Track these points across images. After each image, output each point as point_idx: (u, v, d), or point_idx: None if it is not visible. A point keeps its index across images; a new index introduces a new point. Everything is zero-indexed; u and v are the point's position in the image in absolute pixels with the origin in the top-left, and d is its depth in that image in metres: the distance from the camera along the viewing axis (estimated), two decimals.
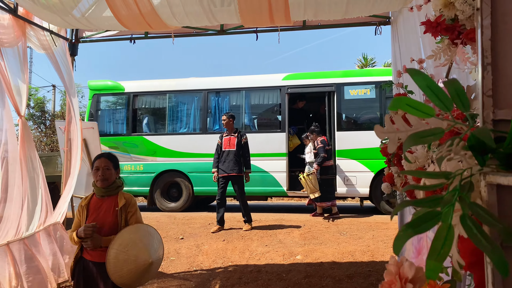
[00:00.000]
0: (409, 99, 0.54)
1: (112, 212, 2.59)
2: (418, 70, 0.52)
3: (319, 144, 7.28)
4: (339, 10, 3.34)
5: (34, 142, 3.62)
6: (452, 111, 0.60)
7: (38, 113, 21.87)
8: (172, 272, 4.53)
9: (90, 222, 2.53)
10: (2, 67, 3.35)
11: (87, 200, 2.67)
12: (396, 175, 2.57)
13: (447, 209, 0.47)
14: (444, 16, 1.87)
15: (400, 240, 0.46)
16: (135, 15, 3.68)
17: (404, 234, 0.46)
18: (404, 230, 0.46)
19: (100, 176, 2.60)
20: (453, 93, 0.50)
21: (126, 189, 10.56)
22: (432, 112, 0.53)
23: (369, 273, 4.25)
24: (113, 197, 2.66)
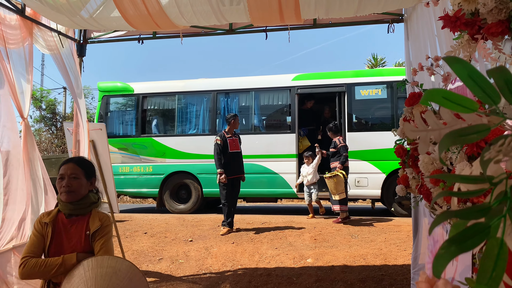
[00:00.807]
0: (446, 91, 0.46)
1: (83, 239, 1.99)
2: (457, 57, 0.44)
3: (341, 142, 7.05)
4: (351, 8, 3.26)
5: (36, 145, 3.58)
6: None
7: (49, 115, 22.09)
8: (181, 275, 4.47)
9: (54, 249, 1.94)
10: (7, 68, 3.32)
11: (52, 217, 2.02)
12: (411, 177, 2.47)
13: (497, 221, 0.39)
14: (463, 10, 1.78)
15: (442, 259, 0.38)
16: (143, 15, 3.64)
17: (446, 252, 0.38)
18: (446, 247, 0.38)
19: (65, 187, 1.98)
20: (501, 83, 0.42)
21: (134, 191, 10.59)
22: (476, 106, 0.45)
23: (382, 277, 4.15)
24: (84, 217, 2.05)
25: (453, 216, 0.41)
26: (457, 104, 0.45)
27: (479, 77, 0.44)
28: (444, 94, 0.46)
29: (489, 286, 0.35)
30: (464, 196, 0.47)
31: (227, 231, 6.17)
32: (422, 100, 0.51)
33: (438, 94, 0.47)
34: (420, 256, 3.60)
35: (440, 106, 0.53)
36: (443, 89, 0.46)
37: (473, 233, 0.39)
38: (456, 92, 0.51)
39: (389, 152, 7.21)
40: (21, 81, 3.55)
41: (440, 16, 1.77)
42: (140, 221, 7.27)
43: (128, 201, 13.45)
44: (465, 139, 0.45)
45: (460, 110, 0.45)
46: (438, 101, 0.47)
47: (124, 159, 8.84)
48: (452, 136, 0.45)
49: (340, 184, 6.74)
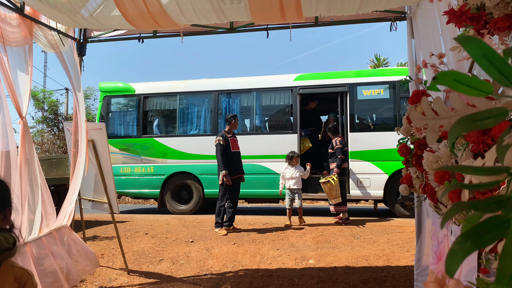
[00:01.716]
0: (458, 72, 0.42)
1: None
2: (470, 36, 0.40)
3: (337, 144, 7.02)
4: (353, 5, 3.21)
5: (34, 145, 3.55)
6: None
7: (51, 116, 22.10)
8: (182, 276, 4.43)
9: None
10: (5, 67, 3.29)
11: None
12: (414, 176, 2.42)
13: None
14: (469, 4, 1.74)
15: (456, 256, 0.34)
16: (143, 14, 3.61)
17: (461, 249, 0.34)
18: (461, 243, 0.34)
19: None
20: None
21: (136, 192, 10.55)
22: (491, 88, 0.41)
23: (385, 279, 4.10)
24: None
25: (468, 208, 0.37)
26: (470, 86, 0.41)
27: (495, 56, 0.40)
28: (456, 76, 0.42)
29: (510, 286, 0.31)
30: (477, 189, 0.43)
31: (227, 231, 6.14)
32: (431, 85, 0.47)
33: (449, 77, 0.43)
34: (423, 257, 3.55)
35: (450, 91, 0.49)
36: (455, 71, 0.42)
37: (490, 227, 0.35)
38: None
39: (391, 152, 7.17)
40: (21, 80, 3.52)
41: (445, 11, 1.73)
42: (141, 222, 7.24)
43: (129, 202, 13.42)
44: (479, 124, 0.40)
45: (474, 93, 0.41)
46: (449, 84, 0.43)
47: (125, 159, 8.82)
48: (465, 121, 0.41)
49: (333, 189, 6.73)
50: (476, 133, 1.41)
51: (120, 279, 4.35)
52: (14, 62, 3.43)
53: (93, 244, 5.53)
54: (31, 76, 3.59)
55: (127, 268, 4.52)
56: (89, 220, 7.29)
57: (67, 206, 3.89)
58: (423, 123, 0.48)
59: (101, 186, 4.35)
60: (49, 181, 7.26)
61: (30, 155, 3.39)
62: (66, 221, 3.81)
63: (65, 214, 3.80)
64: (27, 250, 3.13)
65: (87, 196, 4.73)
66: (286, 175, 6.82)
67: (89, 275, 4.32)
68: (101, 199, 4.51)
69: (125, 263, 4.51)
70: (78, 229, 4.92)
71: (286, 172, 6.85)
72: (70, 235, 3.89)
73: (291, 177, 6.76)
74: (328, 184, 6.67)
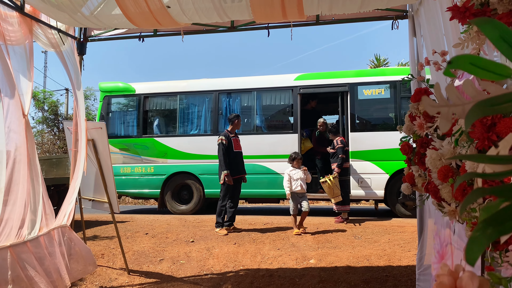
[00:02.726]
0: (474, 56, 0.40)
1: None
2: (487, 18, 0.39)
3: (338, 143, 7.03)
4: (354, 3, 3.20)
5: (35, 143, 3.54)
6: None
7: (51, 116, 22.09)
8: (182, 276, 4.41)
9: None
10: (9, 66, 3.28)
11: None
12: (417, 175, 2.41)
13: None
14: (472, 0, 1.72)
15: (478, 243, 0.32)
16: (144, 13, 3.59)
17: (482, 235, 0.32)
18: (482, 229, 0.33)
19: None
20: None
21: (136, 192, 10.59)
22: (509, 71, 0.39)
23: (386, 278, 4.08)
24: None
25: (488, 193, 0.35)
26: (487, 70, 0.40)
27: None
28: (472, 59, 0.41)
29: None
30: (491, 178, 0.41)
31: (228, 231, 6.13)
32: (446, 71, 0.45)
33: (464, 61, 0.41)
34: (425, 256, 3.53)
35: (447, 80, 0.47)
36: (471, 54, 0.41)
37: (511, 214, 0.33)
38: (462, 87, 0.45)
39: (392, 152, 7.16)
40: (22, 78, 3.50)
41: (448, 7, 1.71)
42: (141, 221, 7.22)
43: (130, 202, 13.40)
44: (497, 109, 0.39)
45: (491, 77, 0.40)
46: (465, 68, 0.41)
47: (125, 159, 8.80)
48: (481, 106, 0.39)
49: (331, 189, 6.72)
50: (481, 130, 1.39)
51: (120, 279, 4.33)
52: (16, 61, 3.42)
53: (93, 243, 5.52)
54: (32, 74, 3.57)
55: (128, 268, 4.50)
56: (90, 220, 7.27)
57: (66, 205, 3.87)
58: (436, 110, 0.46)
59: (101, 186, 4.34)
60: (49, 181, 7.26)
61: (32, 154, 3.38)
62: (66, 220, 3.79)
63: (64, 214, 3.79)
64: (28, 249, 3.12)
65: (88, 195, 4.71)
66: (295, 176, 6.27)
67: (89, 275, 4.30)
68: (101, 199, 4.49)
69: (125, 263, 4.49)
70: (78, 229, 4.90)
71: (294, 174, 6.30)
72: (70, 235, 3.87)
73: (299, 178, 6.25)
74: (326, 184, 6.69)
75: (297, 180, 6.23)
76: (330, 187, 6.68)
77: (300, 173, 6.27)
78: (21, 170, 3.17)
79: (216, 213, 6.32)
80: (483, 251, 0.32)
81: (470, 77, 1.91)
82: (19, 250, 3.00)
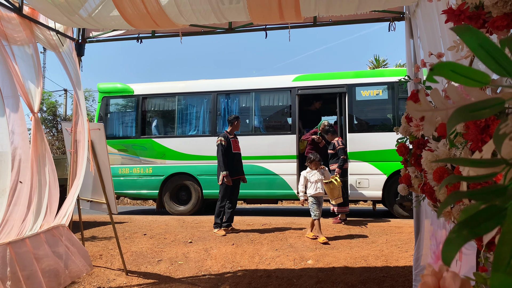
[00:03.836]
0: (454, 63, 0.42)
1: None
2: (467, 26, 0.40)
3: (340, 144, 7.03)
4: (351, 5, 3.22)
5: (46, 140, 3.57)
6: None
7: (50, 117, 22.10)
8: (180, 277, 4.42)
9: None
10: (15, 67, 3.30)
11: None
12: (413, 176, 2.42)
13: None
14: (467, 3, 1.74)
15: (453, 244, 0.34)
16: (142, 14, 3.61)
17: (458, 237, 0.34)
18: (458, 231, 0.34)
19: None
20: None
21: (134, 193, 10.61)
22: (487, 79, 0.41)
23: (383, 279, 4.10)
24: None
25: (465, 197, 0.36)
26: (466, 77, 0.41)
27: (492, 47, 0.40)
28: (453, 67, 0.42)
29: (507, 274, 0.31)
30: (474, 181, 0.42)
31: (225, 233, 6.13)
32: (428, 77, 0.47)
33: (445, 68, 0.43)
34: (422, 257, 3.55)
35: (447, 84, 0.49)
36: (452, 61, 0.42)
37: (487, 216, 0.35)
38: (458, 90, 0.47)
39: (390, 153, 7.18)
40: (31, 77, 3.54)
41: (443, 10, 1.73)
42: (139, 222, 7.23)
43: (128, 203, 13.40)
44: (476, 114, 0.40)
45: (470, 84, 0.41)
46: (446, 75, 0.42)
47: (124, 160, 8.81)
48: (462, 111, 0.41)
49: (335, 190, 6.64)
50: (474, 132, 1.41)
51: (118, 279, 4.34)
52: (22, 60, 3.44)
53: (92, 244, 5.52)
54: (40, 72, 3.60)
55: (126, 268, 4.51)
56: (88, 221, 7.27)
57: (67, 205, 3.89)
58: (420, 115, 0.48)
59: (99, 187, 4.35)
60: None
61: (42, 151, 3.40)
62: (65, 220, 3.80)
63: (64, 213, 3.80)
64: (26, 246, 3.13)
65: (86, 196, 4.72)
66: (312, 179, 5.75)
67: (87, 276, 4.31)
68: (99, 200, 4.50)
69: (123, 263, 4.50)
70: (76, 230, 4.91)
71: (311, 176, 5.79)
72: (68, 235, 3.88)
73: (318, 179, 5.75)
74: (331, 184, 6.60)
75: (317, 183, 5.74)
76: (336, 187, 6.59)
77: (317, 175, 5.78)
78: (27, 167, 3.20)
79: (215, 214, 6.33)
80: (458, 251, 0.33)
81: None
82: (18, 247, 3.01)
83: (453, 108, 0.46)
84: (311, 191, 5.72)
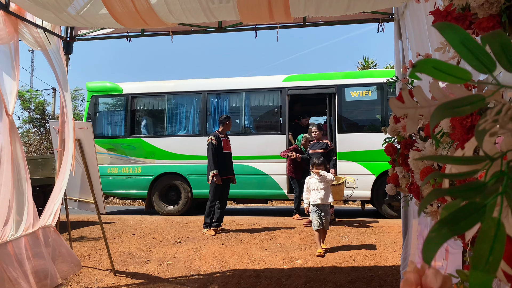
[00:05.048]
0: (437, 60, 0.42)
1: None
2: (449, 23, 0.40)
3: (331, 145, 6.96)
4: (341, 6, 3.23)
5: (21, 143, 3.50)
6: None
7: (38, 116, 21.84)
8: (169, 277, 4.40)
9: None
10: None
11: None
12: (401, 176, 2.44)
13: (493, 200, 0.35)
14: (454, 4, 1.75)
15: (433, 243, 0.33)
16: (131, 12, 3.58)
17: (438, 235, 0.34)
18: (437, 230, 0.34)
19: None
20: (497, 48, 0.38)
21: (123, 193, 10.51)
22: (468, 75, 0.41)
23: (372, 278, 4.12)
24: None
25: (444, 194, 0.36)
26: (448, 74, 0.41)
27: (473, 44, 0.40)
28: (435, 64, 0.42)
29: (486, 271, 0.31)
30: (455, 178, 0.43)
31: (215, 232, 6.11)
32: (411, 74, 0.47)
33: (428, 65, 0.43)
34: (409, 256, 3.58)
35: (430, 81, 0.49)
36: (434, 59, 0.42)
37: (466, 214, 0.35)
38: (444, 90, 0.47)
39: (379, 153, 7.21)
40: (6, 78, 3.46)
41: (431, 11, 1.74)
42: (128, 222, 7.18)
43: (117, 203, 13.30)
44: (458, 111, 0.40)
45: (451, 81, 0.41)
46: (428, 71, 0.42)
47: (112, 160, 8.73)
48: (444, 108, 0.41)
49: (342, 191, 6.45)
50: (460, 132, 1.42)
51: (106, 279, 4.30)
52: (1, 60, 3.38)
53: (79, 244, 5.47)
54: (17, 73, 3.53)
55: (114, 268, 4.47)
56: (76, 221, 7.20)
57: (52, 205, 3.83)
58: (403, 112, 0.48)
59: (87, 186, 4.30)
60: (35, 181, 7.16)
61: (17, 154, 3.34)
62: (51, 221, 3.75)
63: (49, 214, 3.75)
64: (9, 249, 3.08)
65: (73, 196, 4.67)
66: (312, 186, 5.19)
67: (75, 276, 4.27)
68: (87, 199, 4.45)
69: (111, 263, 4.46)
70: (64, 230, 4.86)
71: (311, 183, 5.23)
72: (54, 236, 3.83)
73: (316, 188, 5.14)
74: (342, 186, 6.36)
75: (315, 191, 5.13)
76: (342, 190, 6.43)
77: (316, 183, 5.14)
78: (4, 171, 3.14)
79: (205, 214, 6.31)
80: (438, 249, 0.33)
81: None
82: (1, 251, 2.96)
83: (435, 106, 0.46)
84: (311, 199, 5.17)
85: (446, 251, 2.34)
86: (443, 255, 2.21)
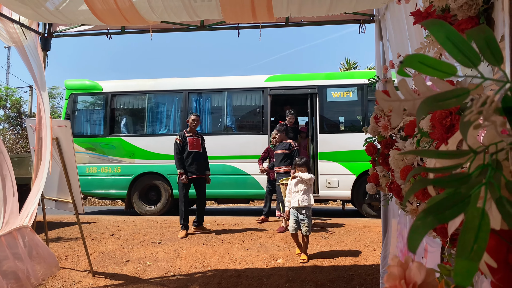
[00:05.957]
0: (423, 55, 0.42)
1: None
2: (435, 19, 0.41)
3: (296, 146, 6.54)
4: (323, 6, 3.26)
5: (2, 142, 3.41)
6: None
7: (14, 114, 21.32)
8: (149, 277, 4.35)
9: None
10: None
11: None
12: (381, 175, 2.47)
13: (477, 190, 0.36)
14: (434, 6, 1.79)
15: (418, 231, 0.34)
16: (112, 9, 3.52)
17: (423, 224, 0.34)
18: (423, 218, 0.34)
19: None
20: (482, 43, 0.39)
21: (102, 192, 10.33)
22: (454, 70, 0.41)
23: (352, 277, 4.16)
24: None
25: (430, 184, 0.37)
26: (434, 68, 0.42)
27: (458, 39, 0.41)
28: (421, 58, 0.43)
29: (470, 259, 0.32)
30: (440, 172, 0.43)
31: (185, 234, 6.00)
32: (399, 70, 0.47)
33: (414, 60, 0.43)
34: (389, 255, 3.63)
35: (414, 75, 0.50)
36: (420, 53, 0.43)
37: (451, 203, 0.35)
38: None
39: (359, 153, 7.30)
40: None
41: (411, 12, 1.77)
42: (107, 223, 7.07)
43: (96, 203, 13.09)
44: (443, 104, 0.41)
45: (438, 75, 0.42)
46: (414, 66, 0.43)
47: (91, 159, 8.59)
48: (429, 101, 0.41)
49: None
50: (440, 131, 1.45)
51: (84, 281, 4.23)
52: None
53: (57, 245, 5.36)
54: None
55: (92, 269, 4.40)
56: (53, 221, 7.05)
57: (29, 206, 3.74)
58: (388, 105, 0.48)
59: (65, 185, 4.22)
60: None
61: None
62: (28, 221, 3.67)
63: (26, 214, 3.66)
64: None
65: (51, 195, 4.57)
66: (293, 189, 4.85)
67: (52, 278, 4.18)
68: (65, 199, 4.37)
69: (89, 264, 4.38)
70: (41, 230, 4.75)
71: (292, 185, 4.88)
72: (31, 236, 3.75)
73: (297, 190, 4.78)
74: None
75: (295, 193, 4.80)
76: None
77: (297, 185, 4.79)
78: None
79: None
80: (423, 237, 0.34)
81: None
82: None
83: (420, 99, 0.47)
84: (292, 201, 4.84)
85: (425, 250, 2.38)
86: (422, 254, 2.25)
